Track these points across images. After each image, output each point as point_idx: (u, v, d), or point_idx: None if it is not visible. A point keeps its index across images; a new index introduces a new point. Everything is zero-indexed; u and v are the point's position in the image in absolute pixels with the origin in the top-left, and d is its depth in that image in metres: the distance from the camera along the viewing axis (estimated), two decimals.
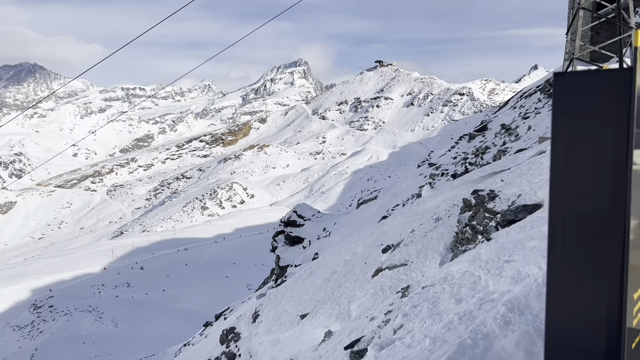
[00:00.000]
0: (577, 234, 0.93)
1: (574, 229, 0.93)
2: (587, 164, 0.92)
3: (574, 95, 0.91)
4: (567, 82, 0.92)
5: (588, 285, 0.93)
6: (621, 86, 0.86)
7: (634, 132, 0.86)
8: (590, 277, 0.92)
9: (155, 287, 75.83)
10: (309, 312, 11.89)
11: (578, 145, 0.92)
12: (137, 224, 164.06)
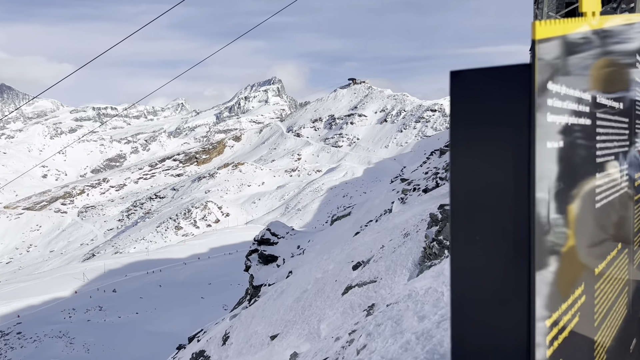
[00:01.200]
0: (480, 249, 0.81)
1: (476, 243, 0.81)
2: (487, 169, 0.80)
3: (471, 93, 0.80)
4: (464, 80, 0.81)
5: (491, 308, 0.80)
6: (520, 83, 0.75)
7: (535, 134, 0.74)
8: (494, 300, 0.80)
9: (128, 309, 74.10)
10: (279, 332, 11.62)
11: (477, 148, 0.80)
12: (109, 246, 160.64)
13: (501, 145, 0.80)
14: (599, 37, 1.05)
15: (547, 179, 0.81)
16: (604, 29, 1.10)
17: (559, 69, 0.84)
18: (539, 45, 0.76)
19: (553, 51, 0.81)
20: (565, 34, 0.84)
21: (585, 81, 1.01)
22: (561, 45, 0.84)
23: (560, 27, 0.82)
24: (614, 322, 1.35)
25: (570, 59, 0.89)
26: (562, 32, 0.83)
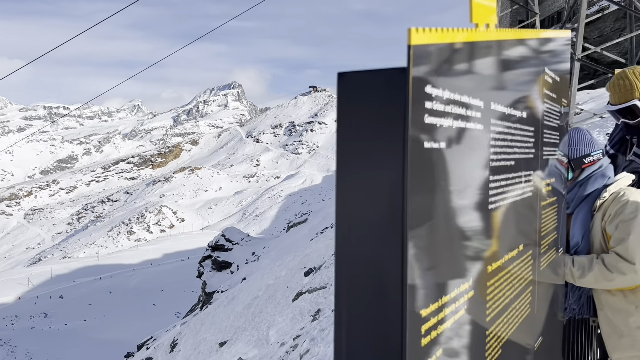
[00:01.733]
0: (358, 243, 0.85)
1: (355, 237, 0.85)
2: (367, 169, 0.84)
3: (353, 95, 0.84)
4: (349, 82, 0.85)
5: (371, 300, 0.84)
6: (397, 86, 0.79)
7: (409, 134, 0.78)
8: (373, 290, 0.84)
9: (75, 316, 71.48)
10: (228, 339, 11.49)
11: (358, 150, 0.84)
12: (57, 250, 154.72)
13: (380, 144, 0.84)
14: (488, 48, 1.11)
15: (423, 178, 0.86)
16: (498, 40, 1.17)
17: (439, 74, 0.90)
18: (414, 50, 0.80)
19: (430, 57, 0.86)
20: (444, 43, 0.90)
21: (476, 88, 1.07)
22: (439, 52, 0.89)
23: (437, 36, 0.87)
24: (513, 319, 1.42)
25: (451, 66, 0.95)
26: (439, 40, 0.88)
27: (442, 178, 0.93)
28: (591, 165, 2.29)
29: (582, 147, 2.29)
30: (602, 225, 2.23)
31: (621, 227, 2.14)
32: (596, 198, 2.26)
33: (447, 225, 0.96)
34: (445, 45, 0.92)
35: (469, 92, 1.03)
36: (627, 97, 2.62)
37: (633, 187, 2.28)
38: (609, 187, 2.24)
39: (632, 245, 2.11)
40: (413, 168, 0.82)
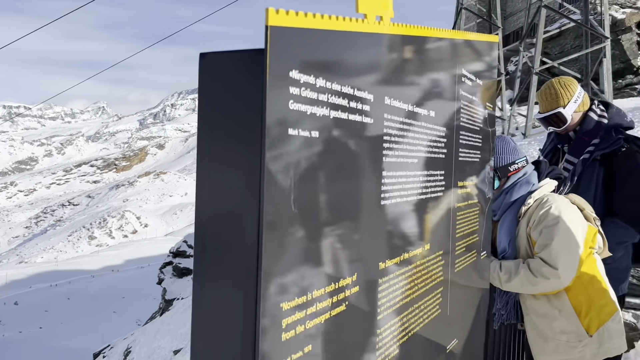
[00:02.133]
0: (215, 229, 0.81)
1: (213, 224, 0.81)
2: (226, 154, 0.80)
3: (215, 77, 0.81)
4: (209, 63, 0.81)
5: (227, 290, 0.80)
6: (254, 67, 0.76)
7: (266, 119, 0.75)
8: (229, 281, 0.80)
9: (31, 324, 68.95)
10: (183, 347, 11.25)
11: (218, 135, 0.81)
12: (13, 255, 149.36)
13: (240, 129, 0.81)
14: (377, 41, 1.10)
15: (285, 165, 0.83)
16: (389, 34, 1.15)
17: (308, 60, 0.87)
18: (272, 32, 0.77)
19: (296, 41, 0.83)
20: (316, 28, 0.87)
21: (363, 81, 1.05)
22: (310, 37, 0.87)
23: (304, 20, 0.84)
24: (416, 319, 1.41)
25: (327, 54, 0.92)
26: (308, 25, 0.86)
27: (314, 167, 0.90)
28: (516, 173, 2.33)
29: (506, 155, 2.32)
30: (527, 232, 2.26)
31: (545, 233, 2.17)
32: (521, 205, 2.29)
33: (321, 217, 0.93)
34: (318, 32, 0.89)
35: (352, 83, 1.01)
36: (553, 106, 2.70)
37: (555, 193, 2.32)
38: (533, 193, 2.28)
39: (554, 250, 2.14)
40: (272, 155, 0.79)
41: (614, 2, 23.96)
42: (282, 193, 0.82)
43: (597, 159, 2.63)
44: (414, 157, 1.35)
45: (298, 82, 0.84)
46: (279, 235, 0.82)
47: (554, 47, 24.50)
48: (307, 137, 0.87)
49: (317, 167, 0.91)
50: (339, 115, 0.97)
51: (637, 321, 3.70)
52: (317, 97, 0.90)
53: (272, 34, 0.78)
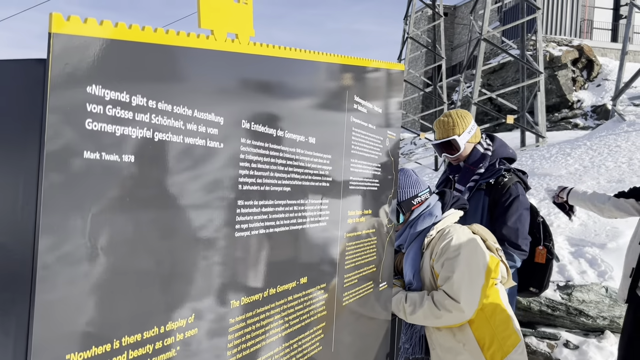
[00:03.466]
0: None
1: None
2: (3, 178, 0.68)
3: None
4: None
5: None
6: (34, 78, 0.65)
7: (46, 132, 0.64)
8: None
9: None
10: None
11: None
12: None
13: (18, 150, 0.70)
14: (225, 59, 1.01)
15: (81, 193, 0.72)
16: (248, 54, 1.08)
17: (121, 75, 0.77)
18: (56, 40, 0.67)
19: (91, 52, 0.73)
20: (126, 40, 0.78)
21: (205, 101, 0.96)
22: (121, 50, 0.77)
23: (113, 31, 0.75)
24: (286, 359, 1.31)
25: (149, 70, 0.83)
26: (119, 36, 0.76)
27: (127, 194, 0.79)
28: (419, 206, 2.31)
29: (408, 188, 2.31)
30: (431, 264, 2.23)
31: (446, 265, 2.15)
32: (425, 236, 2.26)
33: (134, 252, 0.82)
34: (139, 45, 0.80)
35: (188, 103, 0.91)
36: (449, 133, 2.84)
37: (458, 224, 2.31)
38: (436, 224, 2.26)
39: (456, 283, 2.11)
40: (54, 183, 0.68)
41: (552, 39, 25.36)
42: (69, 228, 0.71)
43: (482, 187, 2.76)
44: (286, 185, 1.26)
45: (101, 99, 0.74)
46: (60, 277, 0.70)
47: (496, 79, 25.58)
48: (114, 162, 0.77)
49: (133, 195, 0.81)
50: (166, 137, 0.87)
51: (551, 351, 3.75)
52: (133, 116, 0.80)
53: (60, 43, 0.68)
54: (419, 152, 24.80)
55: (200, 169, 0.96)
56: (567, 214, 3.28)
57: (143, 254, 0.83)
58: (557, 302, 3.82)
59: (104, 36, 0.74)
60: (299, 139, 1.31)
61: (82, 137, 0.72)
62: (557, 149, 8.79)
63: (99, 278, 0.75)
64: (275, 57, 1.18)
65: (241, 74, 1.06)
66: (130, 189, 0.80)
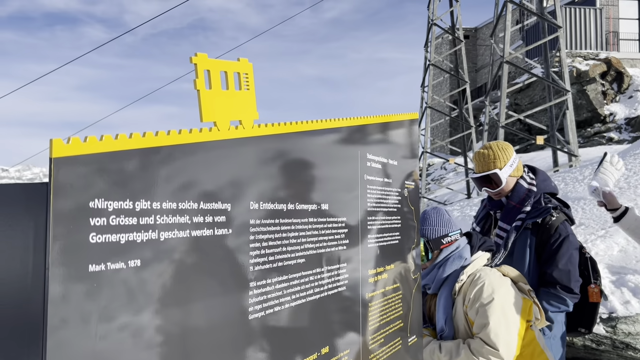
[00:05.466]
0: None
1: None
2: None
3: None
4: None
5: None
6: (36, 200, 0.68)
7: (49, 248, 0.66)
8: None
9: None
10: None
11: None
12: None
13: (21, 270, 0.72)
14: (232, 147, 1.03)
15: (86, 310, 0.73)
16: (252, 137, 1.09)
17: (122, 183, 0.80)
18: (57, 163, 0.70)
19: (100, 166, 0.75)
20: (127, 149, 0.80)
21: (215, 191, 0.98)
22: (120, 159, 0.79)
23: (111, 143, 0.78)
24: None
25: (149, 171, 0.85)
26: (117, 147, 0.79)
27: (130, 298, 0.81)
28: (449, 246, 2.27)
29: (440, 227, 2.27)
30: (464, 310, 2.18)
31: (481, 312, 2.10)
32: (455, 280, 2.21)
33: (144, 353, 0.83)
34: (136, 152, 0.82)
35: (194, 198, 0.93)
36: (490, 167, 2.74)
37: (487, 267, 2.26)
38: (466, 268, 2.21)
39: (493, 330, 2.06)
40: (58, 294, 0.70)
41: (577, 54, 25.02)
42: (77, 344, 0.72)
43: (529, 227, 2.64)
44: (300, 257, 1.26)
45: (105, 210, 0.76)
46: None
47: (523, 98, 25.27)
48: (120, 269, 0.79)
49: (141, 297, 0.82)
50: (173, 235, 0.88)
51: None
52: (137, 221, 0.82)
53: (59, 167, 0.70)
54: (450, 177, 24.52)
55: (209, 259, 0.97)
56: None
57: (157, 354, 0.84)
58: (602, 335, 3.65)
59: (106, 150, 0.77)
60: (310, 208, 1.32)
61: (86, 252, 0.74)
62: (590, 170, 8.55)
63: None
64: (280, 134, 1.20)
65: (247, 158, 1.08)
66: (138, 292, 0.82)
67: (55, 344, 0.69)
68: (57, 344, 0.69)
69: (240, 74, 1.07)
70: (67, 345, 0.71)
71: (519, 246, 2.63)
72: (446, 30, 20.62)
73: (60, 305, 0.70)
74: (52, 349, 0.69)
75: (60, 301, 0.70)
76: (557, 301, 2.57)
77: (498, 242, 2.69)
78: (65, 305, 0.71)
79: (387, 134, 1.83)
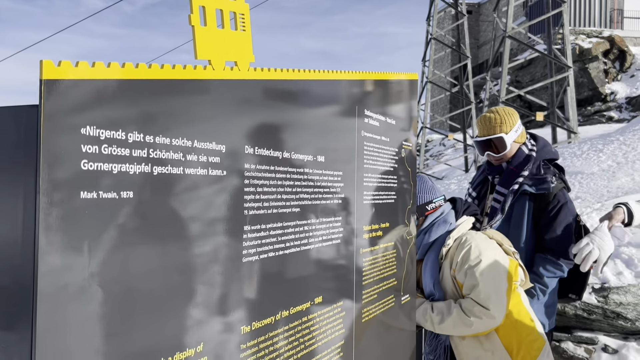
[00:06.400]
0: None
1: None
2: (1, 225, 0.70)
3: None
4: None
5: None
6: (27, 124, 0.67)
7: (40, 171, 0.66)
8: None
9: None
10: None
11: None
12: None
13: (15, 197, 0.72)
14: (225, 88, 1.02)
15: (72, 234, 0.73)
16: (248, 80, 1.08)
17: (117, 113, 0.79)
18: (47, 85, 0.69)
19: (84, 94, 0.74)
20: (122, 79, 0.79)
21: (209, 130, 0.97)
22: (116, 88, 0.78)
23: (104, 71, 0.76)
24: None
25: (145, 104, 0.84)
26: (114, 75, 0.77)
27: (128, 230, 0.81)
28: (433, 212, 2.27)
29: (423, 194, 2.28)
30: (452, 274, 2.19)
31: (470, 274, 2.11)
32: (441, 245, 2.22)
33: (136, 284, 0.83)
34: (133, 82, 0.81)
35: (186, 135, 0.92)
36: (496, 131, 2.70)
37: (474, 231, 2.27)
38: (452, 233, 2.22)
39: (484, 290, 2.07)
40: (50, 220, 0.69)
41: (581, 31, 24.76)
42: (68, 266, 0.72)
43: (527, 192, 2.63)
44: (295, 206, 1.26)
45: (96, 139, 0.76)
46: (60, 313, 0.71)
47: (524, 75, 25.10)
48: (113, 199, 0.78)
49: (135, 229, 0.82)
50: (166, 170, 0.88)
51: (589, 356, 3.63)
52: (130, 153, 0.81)
53: (50, 89, 0.69)
54: (449, 153, 24.50)
55: (203, 198, 0.97)
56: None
57: (147, 286, 0.84)
58: (593, 305, 3.69)
59: (97, 77, 0.76)
60: (307, 158, 1.31)
61: (78, 179, 0.73)
62: (588, 146, 8.55)
63: (100, 312, 0.77)
64: (277, 80, 1.18)
65: (241, 100, 1.07)
66: (132, 224, 0.82)
67: (46, 271, 0.69)
68: (47, 270, 0.69)
69: (236, 14, 1.05)
70: (58, 272, 0.71)
71: (517, 212, 2.63)
72: (449, 4, 20.33)
73: (52, 232, 0.70)
74: (43, 275, 0.69)
75: (51, 228, 0.70)
76: (553, 267, 2.58)
77: (495, 207, 2.68)
78: (56, 232, 0.71)
79: (386, 91, 1.81)
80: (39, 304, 0.68)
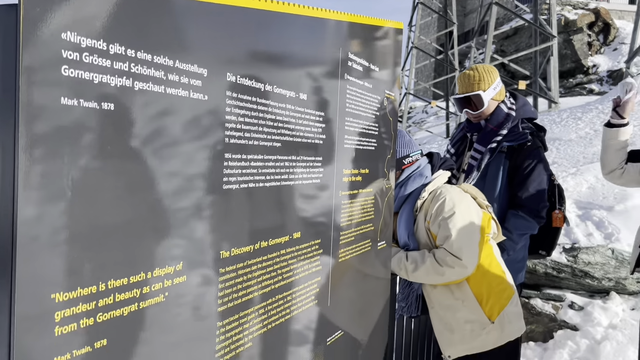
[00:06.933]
0: None
1: None
2: None
3: None
4: None
5: None
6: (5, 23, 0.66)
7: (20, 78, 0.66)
8: None
9: None
10: None
11: None
12: None
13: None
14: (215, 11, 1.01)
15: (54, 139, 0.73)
16: (238, 6, 1.07)
17: (99, 22, 0.78)
18: None
19: None
20: None
21: (184, 51, 0.97)
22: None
23: None
24: (279, 311, 1.34)
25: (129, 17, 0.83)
26: None
27: (107, 141, 0.81)
28: (410, 166, 2.31)
29: (400, 148, 2.30)
30: (426, 226, 2.24)
31: (443, 225, 2.16)
32: (417, 198, 2.27)
33: (121, 199, 0.84)
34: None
35: (170, 53, 0.92)
36: (473, 88, 2.73)
37: (449, 185, 2.31)
38: (427, 186, 2.26)
39: (456, 241, 2.13)
40: (30, 123, 0.70)
41: (567, 2, 24.70)
42: (48, 173, 0.73)
43: (504, 150, 2.67)
44: (276, 141, 1.27)
45: (77, 46, 0.75)
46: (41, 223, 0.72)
47: (509, 45, 25.06)
48: (94, 109, 0.78)
49: (113, 141, 0.82)
50: (147, 87, 0.88)
51: (556, 312, 3.78)
52: (111, 64, 0.81)
53: None
54: (431, 120, 24.58)
55: (185, 120, 0.97)
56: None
57: (124, 202, 0.85)
58: (563, 264, 3.82)
59: None
60: (289, 94, 1.31)
61: (58, 84, 0.73)
62: (567, 114, 8.66)
63: (79, 223, 0.78)
64: (264, 10, 1.17)
65: (227, 26, 1.06)
66: (114, 137, 0.82)
67: (25, 185, 0.70)
68: (27, 184, 0.70)
69: None
70: (37, 179, 0.72)
71: (492, 169, 2.68)
72: None
73: (33, 142, 0.70)
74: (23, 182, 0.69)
75: (31, 132, 0.70)
76: (524, 223, 2.65)
77: (472, 164, 2.73)
78: (37, 140, 0.71)
79: (371, 37, 1.81)
80: (19, 206, 0.69)
